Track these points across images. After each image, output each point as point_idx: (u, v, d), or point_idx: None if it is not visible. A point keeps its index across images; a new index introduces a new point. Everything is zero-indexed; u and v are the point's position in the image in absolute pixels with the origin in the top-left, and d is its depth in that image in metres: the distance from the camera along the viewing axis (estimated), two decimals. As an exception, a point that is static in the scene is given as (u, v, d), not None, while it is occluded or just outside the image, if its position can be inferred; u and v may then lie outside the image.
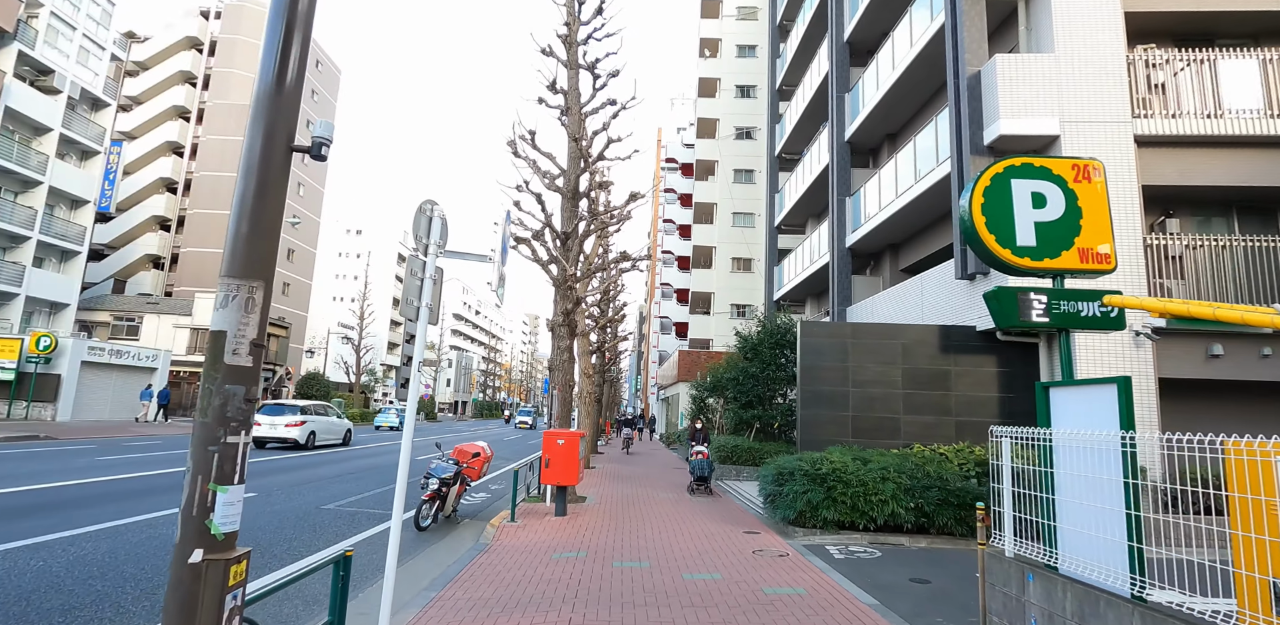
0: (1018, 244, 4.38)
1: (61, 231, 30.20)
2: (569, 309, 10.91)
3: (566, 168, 12.19)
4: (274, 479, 12.59)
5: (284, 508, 9.68)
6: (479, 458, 9.46)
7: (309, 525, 8.45)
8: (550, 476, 8.89)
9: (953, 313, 10.60)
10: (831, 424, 9.93)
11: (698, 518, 9.53)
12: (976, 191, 4.48)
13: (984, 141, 9.95)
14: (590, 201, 11.87)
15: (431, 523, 8.67)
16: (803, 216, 22.67)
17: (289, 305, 47.89)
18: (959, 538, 7.98)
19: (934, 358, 9.95)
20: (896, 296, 12.67)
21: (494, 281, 4.02)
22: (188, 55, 44.92)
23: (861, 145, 16.71)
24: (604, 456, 21.03)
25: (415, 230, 3.85)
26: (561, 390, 11.07)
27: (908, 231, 14.27)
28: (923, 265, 14.04)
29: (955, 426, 9.76)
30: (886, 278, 15.61)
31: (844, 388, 9.99)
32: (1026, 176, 4.46)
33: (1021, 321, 4.27)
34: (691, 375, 28.35)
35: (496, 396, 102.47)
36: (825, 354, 10.13)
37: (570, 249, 11.34)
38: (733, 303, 35.34)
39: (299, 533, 7.98)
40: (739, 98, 37.26)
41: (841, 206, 16.10)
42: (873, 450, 9.23)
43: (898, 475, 8.16)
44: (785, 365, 16.07)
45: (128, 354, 28.19)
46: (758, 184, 36.04)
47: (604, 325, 21.07)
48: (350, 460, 17.05)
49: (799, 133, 22.07)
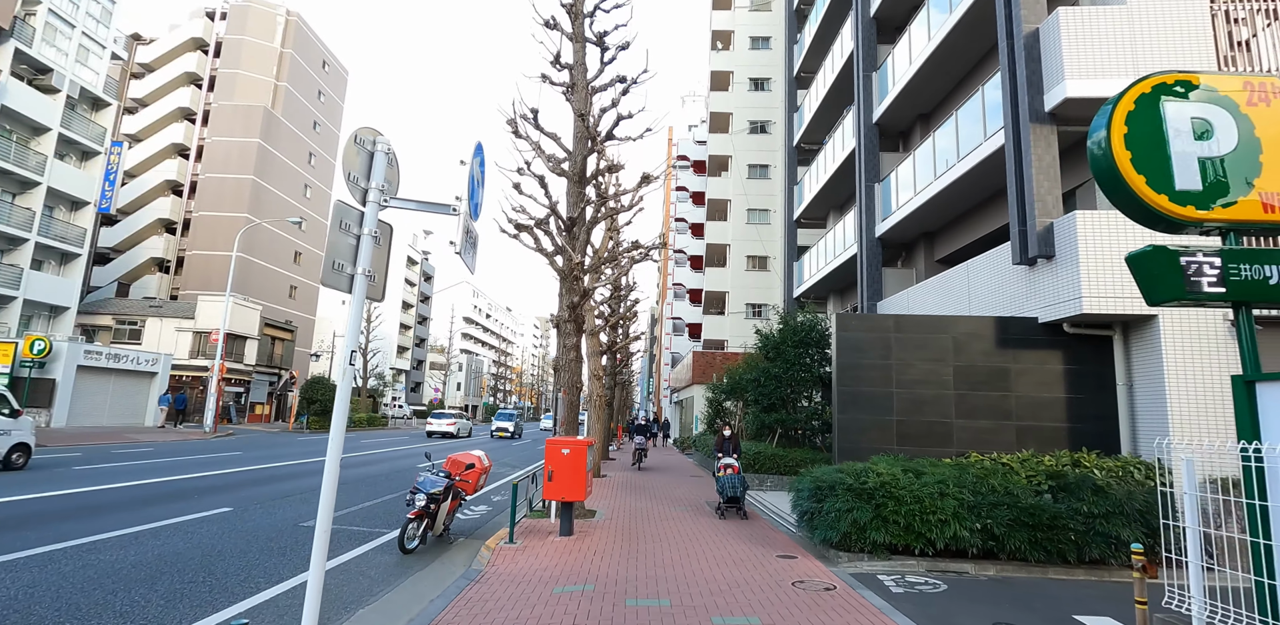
0: (1176, 187, 3.23)
1: (61, 233, 29.57)
2: (575, 303, 9.81)
3: (573, 149, 11.13)
4: (258, 491, 11.57)
5: (258, 525, 8.64)
6: (474, 469, 8.37)
7: (279, 547, 7.39)
8: (554, 491, 7.78)
9: (1008, 303, 9.39)
10: (874, 430, 8.75)
11: (722, 537, 8.37)
12: (1117, 118, 3.34)
13: (1045, 107, 8.75)
14: (599, 186, 10.79)
15: (419, 544, 7.58)
16: (824, 209, 21.47)
17: (296, 309, 47.26)
18: (1034, 565, 6.76)
19: (990, 354, 8.75)
20: (938, 288, 11.46)
21: (457, 240, 2.97)
22: (193, 56, 44.48)
23: (891, 127, 15.51)
24: (615, 464, 19.90)
25: (347, 169, 2.78)
26: (568, 393, 9.96)
27: (946, 217, 13.05)
28: (964, 254, 12.82)
29: (1016, 432, 8.55)
30: (921, 269, 14.38)
31: (887, 388, 8.81)
32: (1184, 97, 3.31)
33: (1188, 293, 3.11)
34: (707, 377, 27.17)
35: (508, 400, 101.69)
36: (865, 350, 8.95)
37: (577, 237, 10.25)
38: (748, 302, 34.12)
39: (265, 557, 6.92)
40: (753, 91, 36.10)
41: (870, 193, 14.91)
42: (923, 460, 8.04)
43: (958, 490, 6.97)
44: (811, 365, 14.87)
45: (126, 358, 27.44)
46: (773, 179, 34.84)
47: (615, 323, 19.93)
48: (347, 469, 16.03)
49: (819, 121, 20.90)
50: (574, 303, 9.79)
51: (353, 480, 13.81)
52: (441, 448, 24.06)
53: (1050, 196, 8.44)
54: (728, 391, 19.37)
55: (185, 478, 12.71)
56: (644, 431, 20.11)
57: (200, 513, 9.20)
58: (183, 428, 28.30)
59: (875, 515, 6.88)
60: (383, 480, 13.90)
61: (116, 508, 9.28)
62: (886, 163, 15.14)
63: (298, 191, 47.91)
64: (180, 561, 6.58)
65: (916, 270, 14.65)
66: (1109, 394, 8.27)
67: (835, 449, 8.96)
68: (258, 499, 10.68)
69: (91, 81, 30.55)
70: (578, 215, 9.97)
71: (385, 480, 13.88)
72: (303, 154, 48.55)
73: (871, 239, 14.72)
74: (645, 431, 20.26)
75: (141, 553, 6.84)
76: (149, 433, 24.74)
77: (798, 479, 8.10)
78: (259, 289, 42.50)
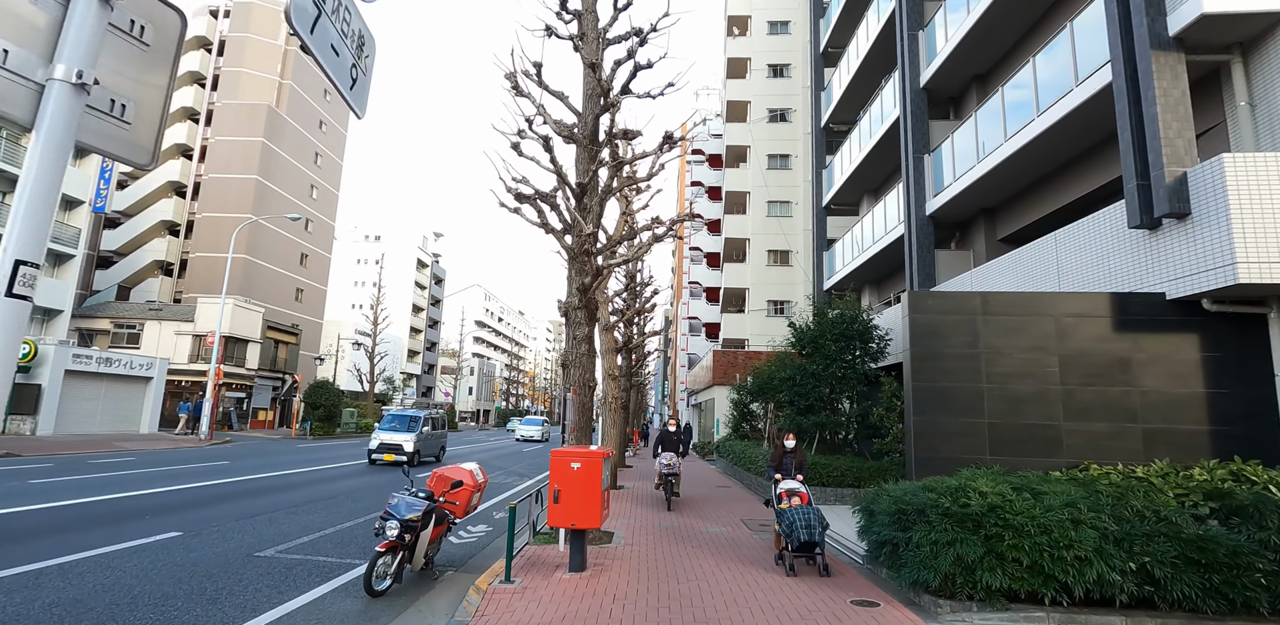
0: None
1: (54, 233, 28.45)
2: (586, 285, 8.19)
3: (583, 109, 9.55)
4: (223, 509, 10.03)
5: (202, 556, 7.09)
6: (462, 488, 6.75)
7: (214, 591, 5.81)
8: (561, 515, 6.15)
9: (1115, 279, 7.65)
10: (960, 435, 7.03)
11: (776, 573, 6.69)
12: None
13: (1168, 30, 7.03)
14: (614, 148, 9.20)
15: (391, 584, 5.97)
16: (856, 193, 19.74)
17: (302, 312, 46.10)
18: (1209, 618, 5.02)
19: (1105, 339, 7.02)
20: (1013, 267, 9.71)
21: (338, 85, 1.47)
22: (196, 55, 43.59)
23: (940, 92, 13.79)
24: (633, 472, 18.23)
25: None
26: (578, 392, 8.34)
27: (1014, 188, 11.30)
28: (1035, 230, 11.06)
29: (1143, 437, 6.80)
30: (980, 250, 12.63)
31: (974, 383, 7.10)
32: None
33: None
34: (729, 378, 25.45)
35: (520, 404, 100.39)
36: (945, 336, 7.25)
37: (588, 208, 8.65)
38: (769, 299, 32.37)
39: (189, 607, 5.34)
40: (771, 78, 34.44)
41: (918, 167, 13.19)
42: (1029, 474, 6.32)
43: (1095, 516, 5.25)
44: (854, 361, 13.14)
45: (119, 362, 26.22)
46: (794, 169, 33.14)
47: (630, 318, 18.28)
48: (334, 481, 14.50)
49: (851, 97, 19.19)
50: (585, 285, 8.18)
51: (340, 494, 12.25)
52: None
53: (1181, 140, 6.72)
54: (755, 392, 17.67)
55: (147, 493, 11.22)
56: (674, 446, 12.04)
57: (140, 539, 7.66)
58: (176, 435, 27.02)
59: (987, 550, 5.18)
60: (374, 493, 12.34)
61: (43, 533, 7.77)
62: (936, 132, 13.42)
63: (303, 192, 46.84)
64: (68, 618, 5.01)
65: (974, 252, 12.90)
66: (1264, 387, 6.54)
67: (910, 460, 7.25)
68: (217, 520, 9.13)
69: (85, 76, 29.48)
70: (589, 181, 8.36)
71: (378, 493, 12.31)
72: (308, 153, 47.52)
73: (921, 217, 12.99)
74: (676, 442, 12.26)
75: (26, 602, 5.28)
76: (140, 440, 23.44)
77: (870, 498, 6.40)
78: (264, 292, 41.37)
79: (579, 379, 8.68)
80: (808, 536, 6.26)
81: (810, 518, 6.33)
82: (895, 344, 13.53)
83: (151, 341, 32.98)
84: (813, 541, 6.28)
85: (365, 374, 42.86)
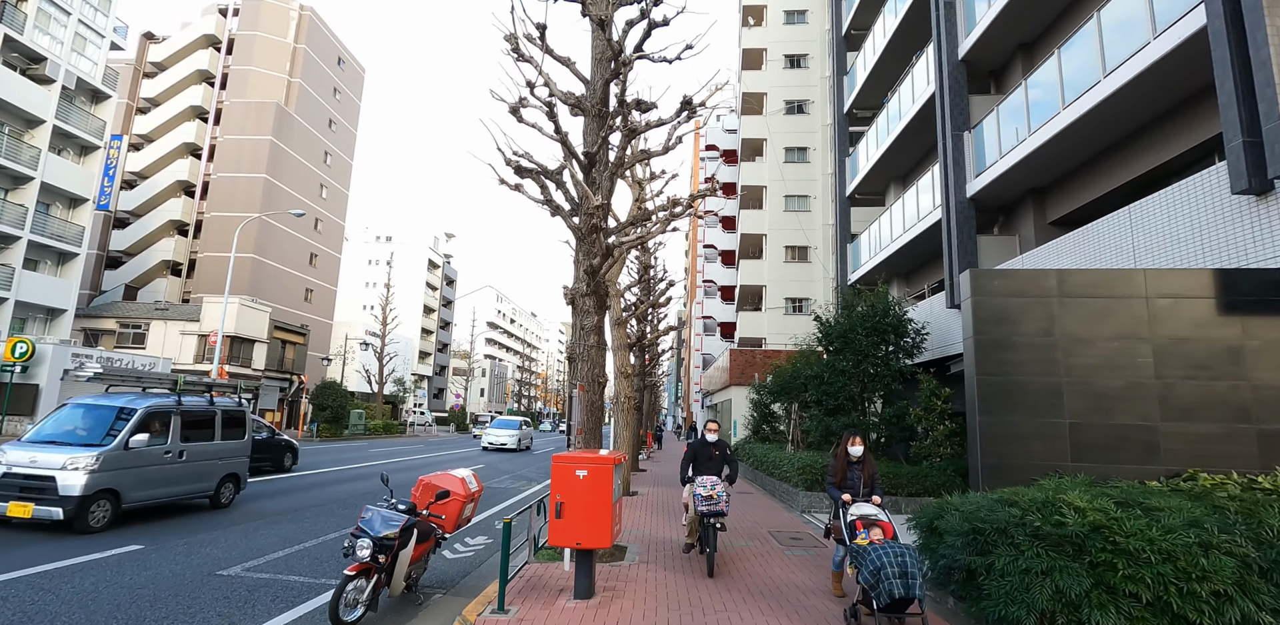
0: None
1: (58, 232, 27.97)
2: (596, 266, 7.22)
3: (591, 75, 8.61)
4: (196, 518, 9.15)
5: (161, 573, 6.20)
6: (450, 499, 5.80)
7: (157, 616, 4.91)
8: (565, 533, 5.17)
9: (1213, 254, 6.57)
10: (1035, 439, 5.98)
11: (819, 597, 5.67)
12: None
13: (1282, -41, 5.94)
14: (625, 116, 8.25)
15: (364, 613, 5.01)
16: (882, 181, 18.65)
17: (312, 312, 45.58)
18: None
19: (1209, 324, 5.95)
20: (1076, 248, 8.61)
21: None
22: (205, 54, 43.25)
23: (980, 65, 12.71)
24: (647, 476, 17.23)
25: None
26: (586, 389, 7.37)
27: (1070, 162, 10.20)
28: (1095, 210, 9.96)
29: (1258, 440, 5.71)
30: (1028, 235, 11.53)
31: (1052, 377, 6.05)
32: None
33: None
34: (747, 377, 24.37)
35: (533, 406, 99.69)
36: (1015, 322, 6.21)
37: (597, 182, 7.69)
38: (787, 296, 31.25)
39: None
40: (788, 68, 33.37)
41: (957, 145, 12.12)
42: (1119, 483, 5.27)
43: (1229, 539, 4.19)
44: (889, 357, 12.08)
45: (119, 362, 25.62)
46: (812, 163, 32.04)
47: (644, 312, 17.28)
48: (329, 486, 13.62)
49: (876, 80, 18.12)
50: (594, 267, 7.21)
51: (330, 500, 11.36)
52: (436, 464, 21.67)
53: (1301, 87, 5.65)
54: (776, 392, 16.63)
55: (123, 499, 10.35)
56: (718, 465, 7.12)
57: (93, 554, 6.78)
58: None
59: (1094, 582, 4.13)
60: (368, 501, 11.42)
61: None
62: (977, 108, 12.34)
63: (313, 191, 46.34)
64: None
65: (1020, 237, 11.80)
66: None
67: (975, 467, 6.19)
68: (189, 530, 8.25)
69: (89, 72, 29.05)
70: (597, 150, 7.39)
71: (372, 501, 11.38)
72: (318, 153, 47.05)
73: (961, 200, 11.90)
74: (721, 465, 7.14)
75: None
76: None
77: (933, 512, 5.36)
78: (272, 292, 40.86)
79: (588, 374, 7.71)
80: (904, 590, 4.23)
81: (906, 562, 4.30)
82: (932, 338, 12.45)
83: (157, 342, 32.47)
84: (911, 597, 4.27)
85: (374, 375, 42.17)
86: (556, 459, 5.30)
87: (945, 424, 11.02)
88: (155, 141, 42.66)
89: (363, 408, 41.03)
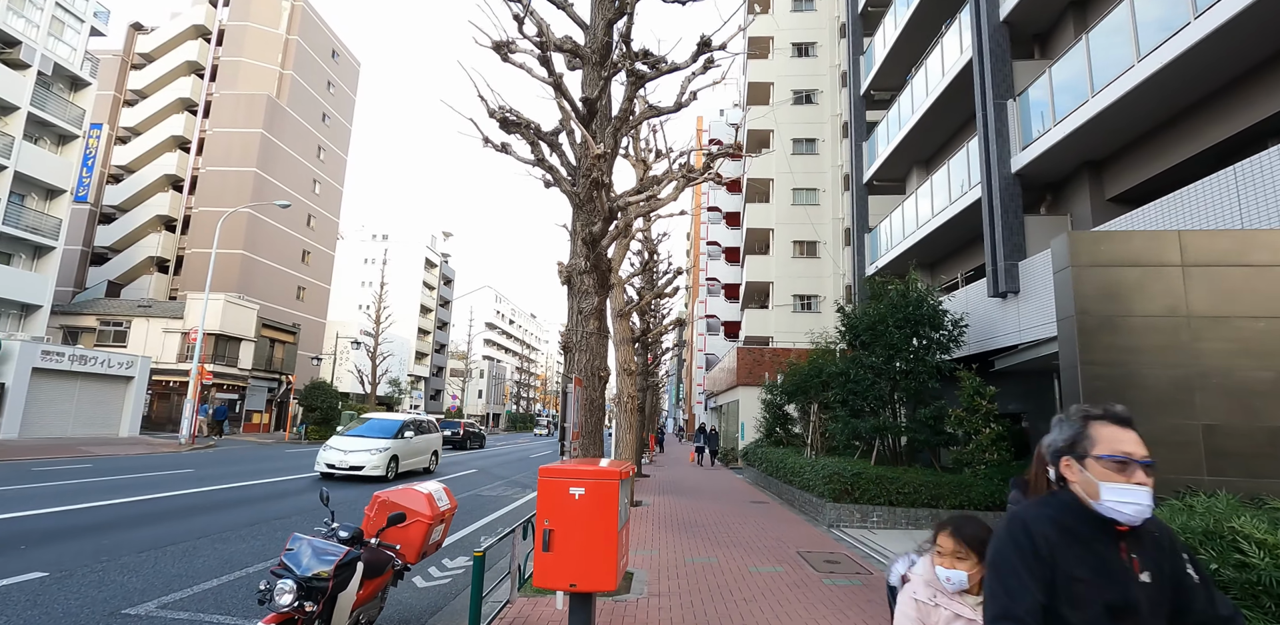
0: None
1: (33, 224, 26.71)
2: (597, 234, 5.96)
3: (591, 18, 7.38)
4: (128, 536, 7.84)
5: (53, 611, 4.94)
6: (412, 523, 4.53)
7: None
8: (554, 570, 3.91)
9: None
10: (1159, 446, 4.69)
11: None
12: None
13: None
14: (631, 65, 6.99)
15: (286, 680, 3.71)
16: (904, 166, 17.42)
17: (304, 311, 44.33)
18: None
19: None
20: (1163, 217, 7.33)
21: None
22: (194, 45, 42.08)
23: (1024, 27, 11.48)
24: (650, 483, 15.95)
25: None
26: (585, 384, 6.10)
27: (1139, 128, 8.94)
28: (1166, 183, 8.70)
29: None
30: (1083, 214, 10.27)
31: (1179, 367, 4.80)
32: None
33: None
34: (756, 377, 23.12)
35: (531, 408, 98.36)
36: (1126, 298, 4.96)
37: (597, 135, 6.43)
38: (795, 293, 29.99)
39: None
40: (796, 57, 32.18)
41: (1000, 115, 10.87)
42: (1276, 502, 3.99)
43: None
44: (923, 352, 10.81)
45: (95, 360, 24.36)
46: (821, 155, 30.82)
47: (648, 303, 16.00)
48: (299, 495, 12.31)
49: (897, 57, 16.90)
50: (594, 234, 5.93)
51: (294, 511, 10.05)
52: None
53: None
54: (791, 392, 15.38)
55: (53, 512, 9.09)
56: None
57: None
58: (159, 438, 25.09)
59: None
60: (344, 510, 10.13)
61: None
62: (1021, 75, 11.09)
63: (306, 186, 45.12)
64: None
65: (1073, 216, 10.54)
66: None
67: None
68: (114, 551, 6.97)
69: (68, 57, 27.83)
70: (598, 94, 6.14)
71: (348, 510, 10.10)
72: (311, 147, 45.83)
73: (1006, 176, 10.65)
74: None
75: None
76: (114, 445, 21.49)
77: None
78: (263, 289, 39.62)
79: (587, 367, 6.44)
80: None
81: None
82: (971, 331, 11.20)
83: (139, 340, 31.20)
84: None
85: (367, 375, 40.87)
86: (544, 472, 4.03)
87: (991, 426, 9.76)
88: (142, 134, 41.46)
89: (355, 409, 39.78)
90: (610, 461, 4.56)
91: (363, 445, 14.59)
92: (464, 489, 13.89)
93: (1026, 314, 9.87)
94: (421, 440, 16.58)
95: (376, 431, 15.45)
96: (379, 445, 14.69)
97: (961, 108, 13.33)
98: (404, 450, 15.44)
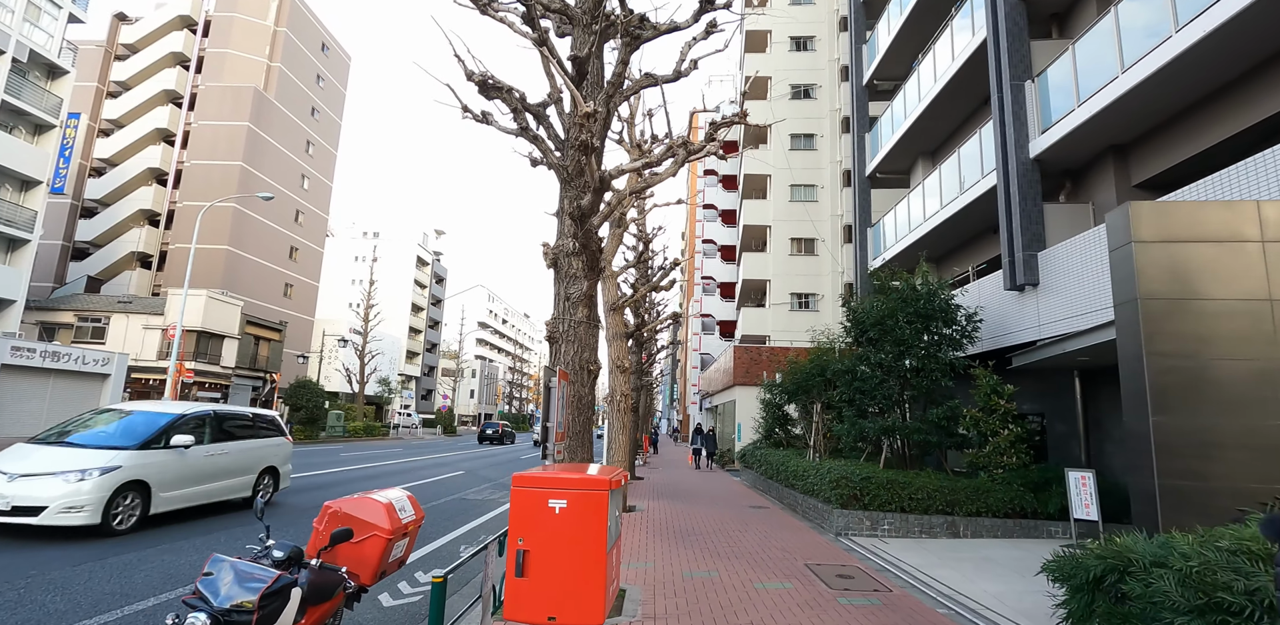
0: None
1: (7, 216, 25.82)
2: (585, 207, 5.26)
3: (580, -24, 6.69)
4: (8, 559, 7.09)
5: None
6: (367, 539, 3.84)
7: None
8: (529, 600, 3.22)
9: None
10: (1240, 449, 4.06)
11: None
12: None
13: None
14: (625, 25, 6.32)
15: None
16: (908, 158, 16.81)
17: (291, 308, 43.44)
18: None
19: None
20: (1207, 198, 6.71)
21: None
22: (180, 36, 41.15)
23: (1040, 5, 10.88)
24: (644, 486, 15.26)
25: None
26: (572, 379, 5.41)
27: (1172, 108, 8.33)
28: (1199, 167, 8.09)
29: None
30: (1106, 201, 9.66)
31: (1260, 361, 4.16)
32: None
33: None
34: (754, 377, 22.49)
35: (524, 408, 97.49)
36: (1197, 280, 4.33)
37: (588, 97, 5.75)
38: (792, 291, 29.38)
39: None
40: (794, 51, 31.61)
41: (1018, 97, 10.25)
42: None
43: None
44: (935, 349, 10.17)
45: (69, 357, 23.46)
46: (819, 150, 30.26)
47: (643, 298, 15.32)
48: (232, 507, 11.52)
49: (902, 45, 16.31)
50: (582, 208, 5.24)
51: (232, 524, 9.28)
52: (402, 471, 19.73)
53: None
54: (792, 392, 14.72)
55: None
56: None
57: None
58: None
59: None
60: (311, 516, 9.40)
61: None
62: (1039, 55, 10.48)
63: (294, 181, 44.24)
64: None
65: (1096, 204, 9.93)
66: None
67: (1150, 491, 4.27)
68: (56, 560, 6.22)
69: (44, 44, 26.93)
70: (588, 53, 5.45)
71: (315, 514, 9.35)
72: (299, 142, 44.96)
73: (1024, 161, 10.03)
74: None
75: None
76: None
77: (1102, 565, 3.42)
78: (249, 286, 38.74)
79: (574, 358, 5.75)
80: None
81: None
82: (985, 327, 10.57)
83: (118, 336, 30.29)
84: None
85: (355, 374, 40.02)
86: (518, 481, 3.34)
87: (1009, 428, 9.13)
88: (126, 127, 40.50)
89: (343, 409, 38.88)
90: (599, 468, 3.88)
91: (59, 462, 7.44)
92: (448, 492, 13.17)
93: (1047, 308, 9.24)
94: (234, 450, 9.53)
95: (106, 438, 8.14)
96: (94, 462, 7.46)
97: (972, 93, 12.73)
98: (172, 472, 8.31)
